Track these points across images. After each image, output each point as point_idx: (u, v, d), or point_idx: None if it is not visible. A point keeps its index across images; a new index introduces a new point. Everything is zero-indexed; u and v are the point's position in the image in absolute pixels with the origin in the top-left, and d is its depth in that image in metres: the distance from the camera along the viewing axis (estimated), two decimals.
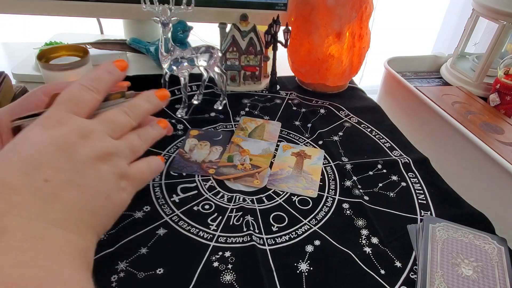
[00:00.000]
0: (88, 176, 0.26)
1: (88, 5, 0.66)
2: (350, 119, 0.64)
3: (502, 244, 0.42)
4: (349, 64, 0.67)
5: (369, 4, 0.64)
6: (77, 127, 0.26)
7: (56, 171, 0.24)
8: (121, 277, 0.36)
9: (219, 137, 0.57)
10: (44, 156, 0.24)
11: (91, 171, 0.26)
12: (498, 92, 0.69)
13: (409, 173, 0.53)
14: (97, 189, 0.26)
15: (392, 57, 0.81)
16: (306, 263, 0.39)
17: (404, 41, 1.32)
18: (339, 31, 0.63)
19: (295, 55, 0.69)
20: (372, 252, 0.41)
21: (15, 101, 0.38)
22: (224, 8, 0.69)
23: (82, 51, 0.57)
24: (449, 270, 0.38)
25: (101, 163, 0.27)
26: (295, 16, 0.68)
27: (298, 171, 0.51)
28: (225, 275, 0.37)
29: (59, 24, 0.90)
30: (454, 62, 0.80)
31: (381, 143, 0.59)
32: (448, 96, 0.70)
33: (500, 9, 0.68)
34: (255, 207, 0.45)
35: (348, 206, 0.46)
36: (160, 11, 0.51)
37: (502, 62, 0.69)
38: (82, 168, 0.25)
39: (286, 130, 0.60)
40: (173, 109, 0.62)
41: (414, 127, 0.70)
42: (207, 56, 0.58)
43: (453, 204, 0.48)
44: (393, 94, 0.78)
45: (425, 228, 0.43)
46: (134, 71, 0.73)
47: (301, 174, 0.51)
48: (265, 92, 0.70)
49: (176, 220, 0.43)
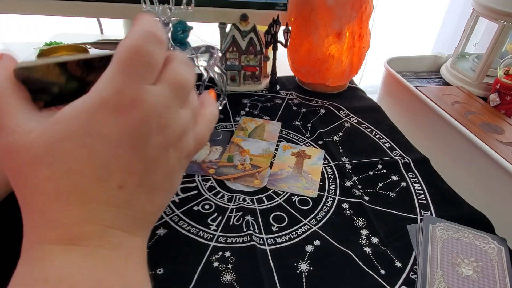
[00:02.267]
0: (158, 174, 0.23)
1: (88, 5, 0.66)
2: (350, 119, 0.64)
3: (502, 244, 0.42)
4: (349, 64, 0.67)
5: (369, 4, 0.64)
6: (153, 110, 0.21)
7: (129, 175, 0.21)
8: None
9: (219, 137, 0.57)
10: (118, 159, 0.21)
11: (160, 166, 0.23)
12: (498, 92, 0.69)
13: (409, 173, 0.53)
14: (165, 186, 0.24)
15: (392, 57, 0.81)
16: (306, 263, 0.39)
17: (404, 41, 1.32)
18: (339, 31, 0.63)
19: (295, 55, 0.69)
20: (372, 252, 0.41)
21: None
22: (224, 8, 0.69)
23: (82, 51, 0.57)
24: (449, 270, 0.38)
25: (171, 151, 0.23)
26: (295, 16, 0.68)
27: (298, 171, 0.51)
28: (225, 275, 0.37)
29: (59, 24, 0.90)
30: (454, 62, 0.80)
31: (381, 143, 0.59)
32: (448, 96, 0.70)
33: (500, 9, 0.68)
34: (255, 207, 0.45)
35: (348, 206, 0.46)
36: (160, 11, 0.51)
37: (502, 62, 0.69)
38: (152, 167, 0.22)
39: (286, 130, 0.60)
40: None
41: (414, 127, 0.70)
42: (207, 56, 0.58)
43: (453, 204, 0.48)
44: (393, 94, 0.78)
45: (425, 228, 0.43)
46: None
47: (301, 174, 0.51)
48: (265, 92, 0.70)
49: (176, 220, 0.43)
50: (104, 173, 0.21)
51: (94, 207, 0.21)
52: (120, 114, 0.20)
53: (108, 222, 0.21)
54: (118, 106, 0.20)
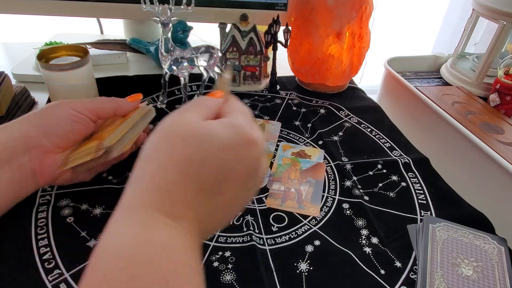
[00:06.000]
0: (246, 196, 0.29)
1: (88, 5, 0.66)
2: (350, 119, 0.64)
3: (502, 244, 0.42)
4: (349, 64, 0.67)
5: (369, 4, 0.64)
6: (261, 152, 0.29)
7: (232, 188, 0.27)
8: None
9: None
10: (233, 173, 0.27)
11: (251, 191, 0.29)
12: (498, 92, 0.69)
13: (409, 173, 0.53)
14: (244, 202, 0.29)
15: (392, 57, 0.81)
16: (306, 263, 0.39)
17: (404, 41, 1.32)
18: (339, 31, 0.63)
19: (295, 55, 0.69)
20: (372, 252, 0.41)
21: (37, 115, 0.39)
22: (224, 8, 0.69)
23: (82, 51, 0.57)
24: (449, 270, 0.38)
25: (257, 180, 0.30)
26: (295, 16, 0.68)
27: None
28: (225, 275, 0.37)
29: (59, 24, 0.90)
30: (454, 62, 0.80)
31: (381, 143, 0.59)
32: (448, 96, 0.70)
33: (500, 9, 0.68)
34: (255, 207, 0.45)
35: (348, 206, 0.46)
36: (160, 11, 0.51)
37: (502, 62, 0.69)
38: (248, 190, 0.29)
39: (286, 130, 0.60)
40: (173, 109, 0.62)
41: (414, 127, 0.70)
42: (207, 56, 0.58)
43: (453, 204, 0.48)
44: (393, 94, 0.78)
45: (425, 228, 0.43)
46: (134, 71, 0.73)
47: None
48: (265, 92, 0.70)
49: None
50: (222, 178, 0.26)
51: (196, 200, 0.25)
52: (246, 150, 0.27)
53: (200, 217, 0.26)
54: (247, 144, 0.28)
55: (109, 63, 0.74)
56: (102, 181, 0.46)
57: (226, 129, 0.27)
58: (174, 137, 0.26)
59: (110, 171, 0.47)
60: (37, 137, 0.37)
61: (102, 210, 0.42)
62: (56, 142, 0.38)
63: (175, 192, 0.25)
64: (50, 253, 0.37)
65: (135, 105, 0.45)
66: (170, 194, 0.24)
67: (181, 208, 0.25)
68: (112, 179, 0.47)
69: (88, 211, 0.42)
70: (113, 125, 0.42)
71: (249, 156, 0.27)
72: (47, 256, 0.37)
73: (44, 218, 0.41)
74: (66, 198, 0.43)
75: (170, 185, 0.25)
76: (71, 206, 0.42)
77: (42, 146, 0.37)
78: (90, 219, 0.41)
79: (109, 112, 0.43)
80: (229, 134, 0.27)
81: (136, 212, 0.24)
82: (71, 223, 0.41)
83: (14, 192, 0.37)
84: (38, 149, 0.37)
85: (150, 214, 0.23)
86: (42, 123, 0.38)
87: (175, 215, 0.24)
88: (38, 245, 0.38)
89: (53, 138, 0.38)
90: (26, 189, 0.38)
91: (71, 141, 0.40)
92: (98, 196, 0.44)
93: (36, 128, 0.37)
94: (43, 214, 0.41)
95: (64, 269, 0.36)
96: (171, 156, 0.25)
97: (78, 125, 0.39)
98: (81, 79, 0.56)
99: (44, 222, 0.40)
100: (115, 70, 0.71)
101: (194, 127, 0.26)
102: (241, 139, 0.27)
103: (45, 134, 0.37)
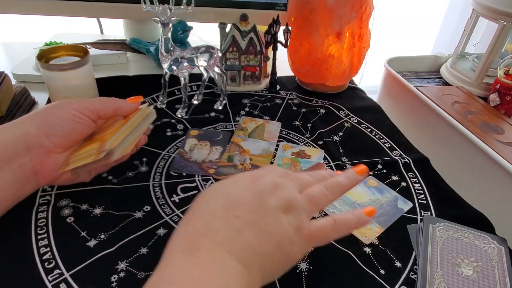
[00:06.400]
0: (268, 221, 0.28)
1: (88, 5, 0.66)
2: (350, 119, 0.64)
3: (502, 244, 0.42)
4: (349, 64, 0.67)
5: (369, 4, 0.64)
6: (272, 181, 0.31)
7: (247, 211, 0.28)
8: (121, 277, 0.36)
9: (219, 137, 0.57)
10: (243, 198, 0.29)
11: (271, 218, 0.29)
12: (498, 92, 0.69)
13: (409, 173, 0.53)
14: (272, 235, 0.28)
15: (392, 57, 0.81)
16: (306, 263, 0.39)
17: (404, 41, 1.32)
18: (339, 31, 0.63)
19: (295, 55, 0.69)
20: (372, 252, 0.41)
21: (38, 114, 0.39)
22: (224, 8, 0.69)
23: (82, 51, 0.57)
24: (449, 270, 0.38)
25: (281, 213, 0.29)
26: (295, 16, 0.68)
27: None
28: None
29: (59, 24, 0.90)
30: (454, 62, 0.80)
31: (381, 143, 0.59)
32: (448, 96, 0.70)
33: (500, 9, 0.68)
34: None
35: None
36: (160, 11, 0.51)
37: (502, 62, 0.69)
38: (266, 213, 0.29)
39: (286, 130, 0.60)
40: (173, 109, 0.62)
41: (414, 127, 0.70)
42: (207, 56, 0.58)
43: (453, 204, 0.48)
44: (393, 94, 0.78)
45: (425, 228, 0.43)
46: (134, 71, 0.73)
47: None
48: (265, 92, 0.70)
49: (176, 220, 0.42)
50: (231, 204, 0.29)
51: (213, 225, 0.27)
52: (252, 183, 0.31)
53: (220, 241, 0.26)
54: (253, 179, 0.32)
55: (109, 63, 0.74)
56: (102, 181, 0.46)
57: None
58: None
59: (110, 171, 0.47)
60: (38, 137, 0.37)
61: (102, 210, 0.42)
62: (57, 142, 0.38)
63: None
64: (50, 253, 0.37)
65: (136, 106, 0.45)
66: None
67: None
68: (112, 179, 0.47)
69: (88, 211, 0.42)
70: (114, 127, 0.42)
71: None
72: (47, 256, 0.37)
73: (44, 218, 0.41)
74: (66, 198, 0.43)
75: None
76: (71, 206, 0.42)
77: (43, 146, 0.37)
78: (90, 219, 0.41)
79: (110, 112, 0.43)
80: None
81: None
82: (71, 223, 0.41)
83: (14, 191, 0.37)
84: (39, 149, 0.37)
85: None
86: (43, 123, 0.38)
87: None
88: (38, 245, 0.38)
89: (54, 137, 0.38)
90: (27, 189, 0.38)
91: (71, 141, 0.40)
92: (98, 196, 0.44)
93: (37, 128, 0.37)
94: (43, 214, 0.41)
95: (64, 269, 0.36)
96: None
97: (79, 125, 0.39)
98: (81, 79, 0.56)
99: (44, 222, 0.40)
100: (115, 70, 0.71)
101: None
102: (246, 174, 0.31)
103: (46, 134, 0.37)
